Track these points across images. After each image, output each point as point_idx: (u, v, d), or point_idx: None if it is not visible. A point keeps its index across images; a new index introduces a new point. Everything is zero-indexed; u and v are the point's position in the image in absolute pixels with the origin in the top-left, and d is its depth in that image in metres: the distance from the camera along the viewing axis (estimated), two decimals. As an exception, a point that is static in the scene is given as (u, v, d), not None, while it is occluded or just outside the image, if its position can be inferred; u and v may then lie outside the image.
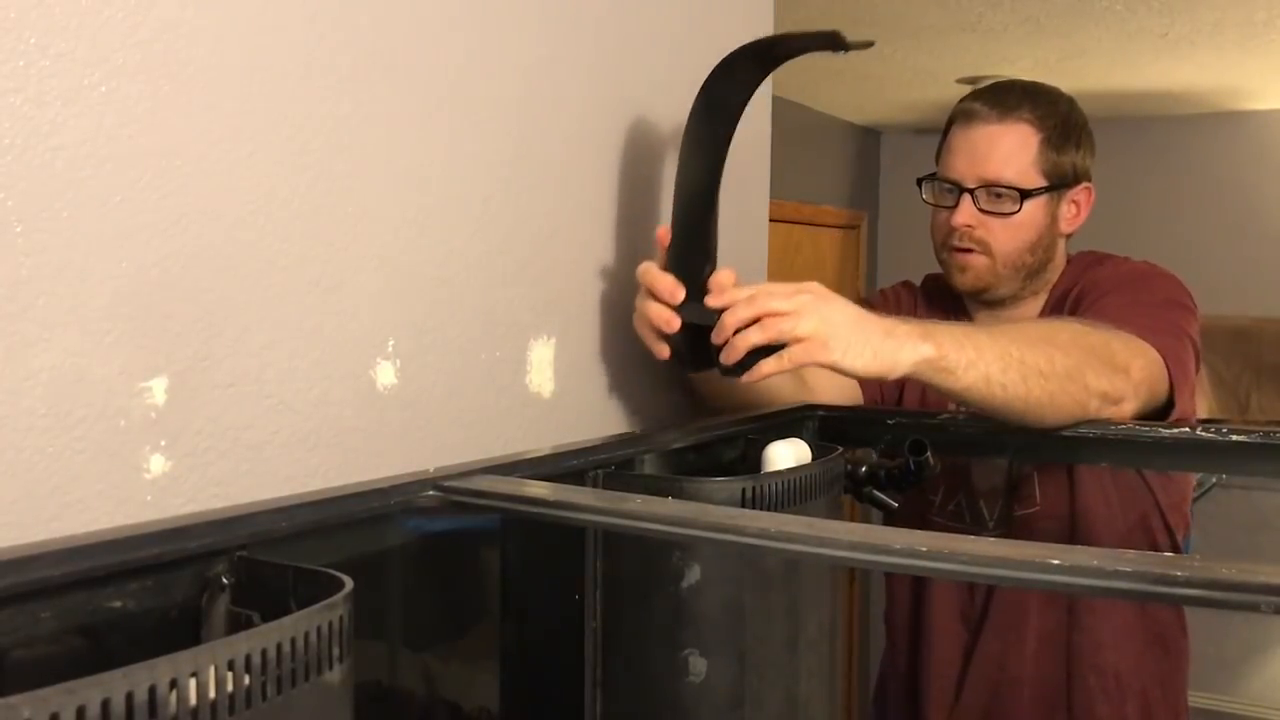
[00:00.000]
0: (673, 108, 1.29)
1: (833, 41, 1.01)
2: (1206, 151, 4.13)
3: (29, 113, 0.66)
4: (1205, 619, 1.67)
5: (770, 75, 1.15)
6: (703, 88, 1.09)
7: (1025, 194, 1.51)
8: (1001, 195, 1.51)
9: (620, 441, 1.07)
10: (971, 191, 1.52)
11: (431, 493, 0.83)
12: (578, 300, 1.15)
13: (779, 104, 1.57)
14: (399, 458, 0.93)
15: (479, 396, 1.02)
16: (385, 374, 0.92)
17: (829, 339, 1.04)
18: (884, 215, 4.69)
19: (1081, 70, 3.35)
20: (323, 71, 0.86)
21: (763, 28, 1.48)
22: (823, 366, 1.07)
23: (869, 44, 1.02)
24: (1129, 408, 1.25)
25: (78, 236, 0.69)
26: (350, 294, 0.89)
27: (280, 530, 0.71)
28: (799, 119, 3.99)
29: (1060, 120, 1.55)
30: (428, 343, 0.96)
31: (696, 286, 1.11)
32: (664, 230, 1.13)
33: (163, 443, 0.75)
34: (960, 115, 1.57)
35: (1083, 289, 1.53)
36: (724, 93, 1.09)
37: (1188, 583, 0.61)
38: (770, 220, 1.54)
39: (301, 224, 0.84)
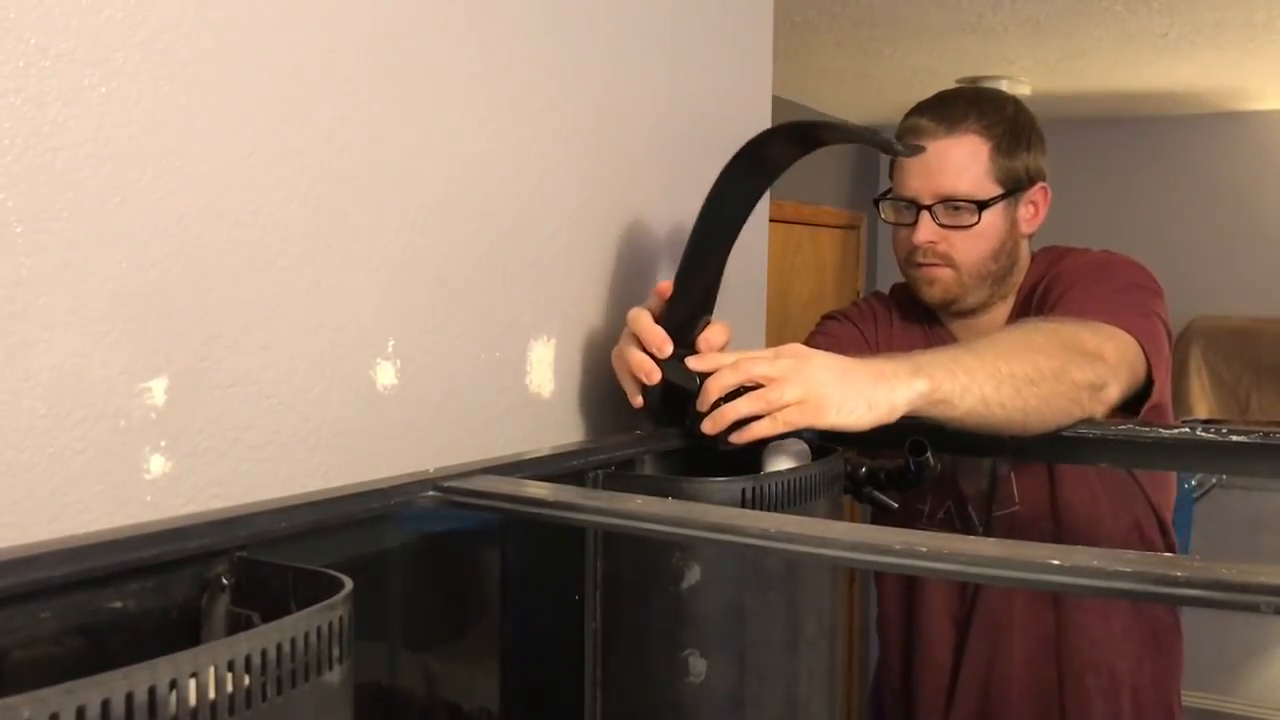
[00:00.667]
0: (675, 109, 1.29)
1: (884, 146, 1.02)
2: (1206, 152, 4.13)
3: (29, 113, 0.66)
4: (1205, 619, 1.67)
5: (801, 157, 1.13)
6: (740, 151, 1.07)
7: (982, 204, 1.51)
8: (959, 208, 1.52)
9: (620, 441, 1.07)
10: (929, 208, 1.52)
11: (431, 493, 0.83)
12: (578, 300, 1.15)
13: (779, 104, 1.57)
14: (399, 458, 0.93)
15: (479, 396, 1.02)
16: (385, 374, 0.92)
17: (820, 401, 1.03)
18: (884, 215, 4.68)
19: (1081, 70, 3.35)
20: (323, 72, 0.86)
21: (763, 28, 1.48)
22: (819, 429, 1.06)
23: (920, 149, 1.03)
24: (1114, 392, 1.26)
25: (78, 236, 0.69)
26: (350, 294, 0.89)
27: (280, 530, 0.71)
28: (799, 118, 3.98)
29: (1008, 125, 1.55)
30: (428, 343, 0.96)
31: (688, 340, 1.10)
32: (665, 285, 1.12)
33: (163, 443, 0.75)
34: (908, 132, 1.56)
35: (1047, 284, 1.54)
36: (760, 163, 1.08)
37: (1188, 583, 0.61)
38: (770, 220, 1.55)
39: (301, 224, 0.84)
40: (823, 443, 1.17)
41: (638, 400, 1.12)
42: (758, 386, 1.04)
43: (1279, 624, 3.65)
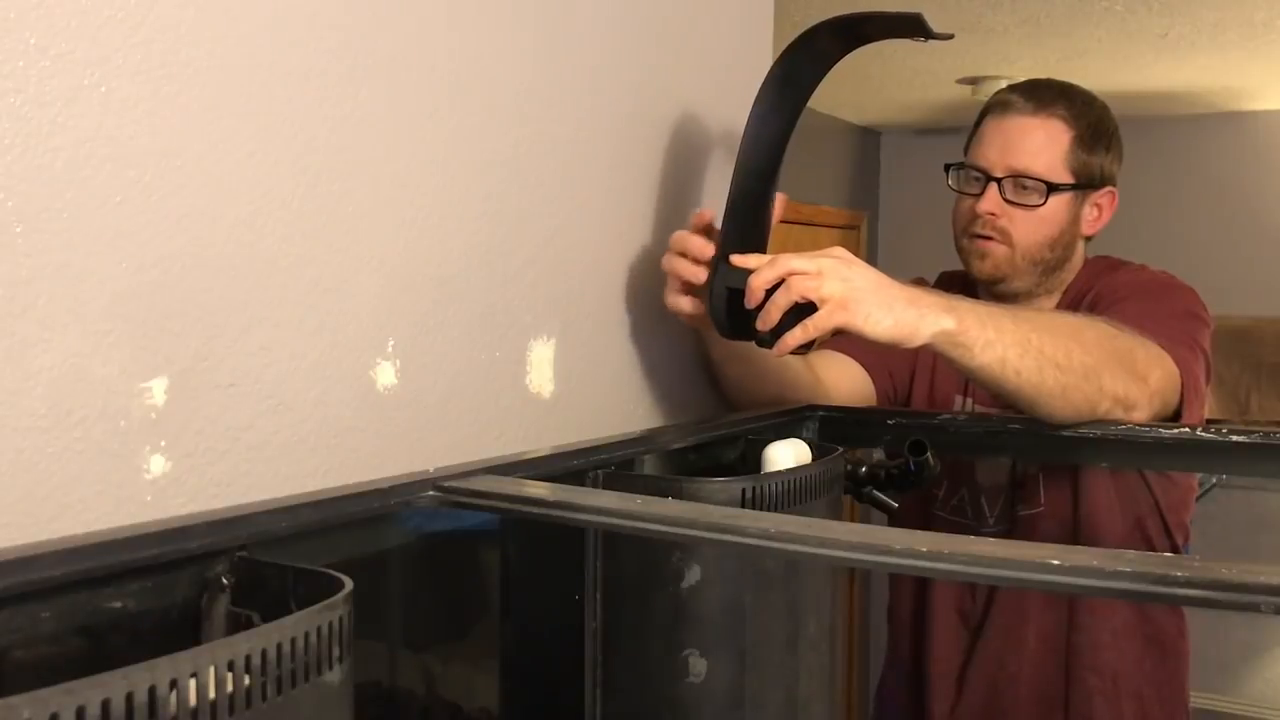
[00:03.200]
0: (675, 109, 1.29)
1: (918, 27, 1.02)
2: (1206, 152, 4.13)
3: (29, 113, 0.66)
4: (1205, 619, 1.66)
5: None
6: (780, 58, 1.09)
7: (1052, 188, 1.52)
8: (1028, 187, 1.53)
9: (620, 441, 1.07)
10: (999, 180, 1.53)
11: (431, 493, 0.83)
12: (578, 300, 1.15)
13: (779, 104, 1.56)
14: (399, 458, 0.93)
15: (479, 396, 1.02)
16: (385, 374, 0.92)
17: (852, 302, 1.06)
18: (884, 215, 4.69)
19: (1081, 70, 3.35)
20: (323, 72, 0.86)
21: (763, 28, 1.48)
22: (844, 329, 1.08)
23: (950, 36, 1.04)
24: (1141, 415, 1.26)
25: (78, 236, 0.69)
26: (350, 294, 0.89)
27: (280, 530, 0.71)
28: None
29: (1093, 122, 1.57)
30: (428, 343, 0.96)
31: (752, 249, 1.13)
32: (703, 214, 1.16)
33: (163, 443, 0.75)
34: (995, 105, 1.58)
35: (1099, 293, 1.54)
36: (801, 64, 1.10)
37: (1188, 583, 0.61)
38: (770, 220, 1.54)
39: (301, 224, 0.84)
40: (824, 442, 1.17)
41: (681, 304, 1.17)
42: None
43: (1279, 624, 3.65)
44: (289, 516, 0.71)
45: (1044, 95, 1.56)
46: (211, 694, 0.53)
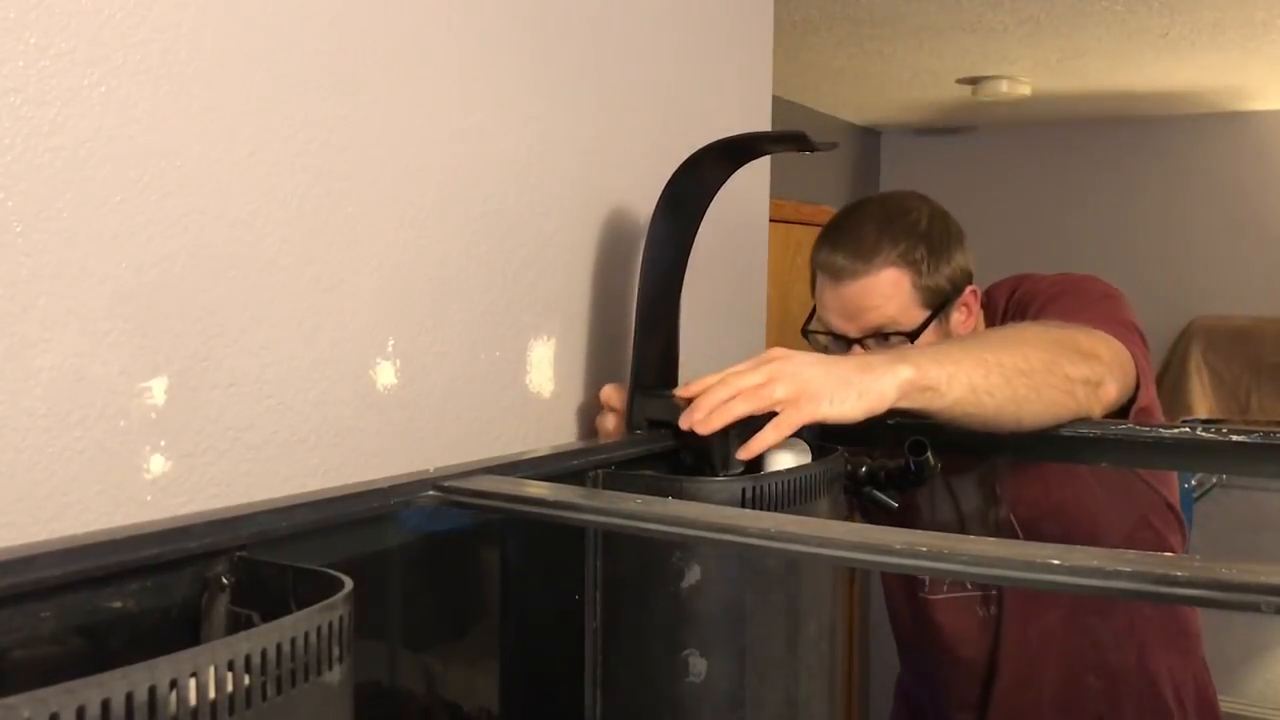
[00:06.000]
0: (675, 109, 1.29)
1: (800, 142, 1.02)
2: (1207, 152, 4.13)
3: (29, 113, 0.66)
4: (1206, 619, 1.67)
5: (739, 168, 1.13)
6: (668, 184, 1.09)
7: (914, 334, 1.47)
8: (890, 338, 1.47)
9: (620, 442, 1.07)
10: (859, 341, 1.48)
11: (431, 493, 0.83)
12: (578, 300, 1.15)
13: (779, 104, 1.56)
14: (399, 458, 0.93)
15: (479, 396, 1.02)
16: (385, 374, 0.92)
17: (814, 394, 1.04)
18: (884, 215, 4.68)
19: (1081, 70, 3.35)
20: (322, 72, 0.86)
21: (763, 28, 1.48)
22: (816, 422, 1.05)
23: (833, 145, 1.04)
24: (1111, 390, 1.25)
25: (78, 236, 0.69)
26: (350, 294, 0.89)
27: (280, 530, 0.71)
28: (799, 119, 3.99)
29: (924, 244, 1.47)
30: (428, 343, 0.96)
31: (669, 381, 1.12)
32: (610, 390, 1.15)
33: (163, 443, 0.75)
34: (824, 268, 1.49)
35: (1021, 300, 1.52)
36: (688, 190, 1.10)
37: (1188, 583, 0.61)
38: (770, 220, 1.54)
39: (301, 224, 0.84)
40: (823, 442, 1.17)
41: None
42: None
43: (1279, 624, 3.65)
44: (289, 516, 0.71)
45: (864, 245, 1.45)
46: (211, 694, 0.53)
